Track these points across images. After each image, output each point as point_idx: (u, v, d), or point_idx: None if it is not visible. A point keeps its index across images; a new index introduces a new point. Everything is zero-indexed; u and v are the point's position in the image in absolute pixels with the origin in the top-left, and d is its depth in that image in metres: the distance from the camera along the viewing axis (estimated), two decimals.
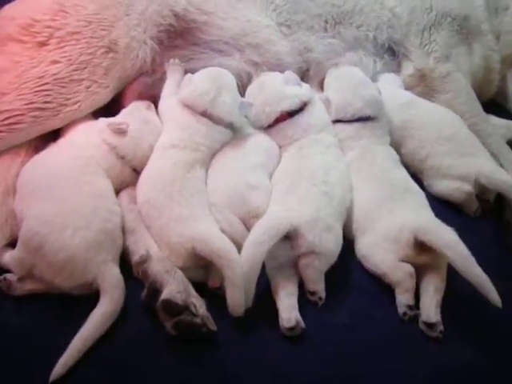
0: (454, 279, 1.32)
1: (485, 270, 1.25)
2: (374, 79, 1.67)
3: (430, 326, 1.26)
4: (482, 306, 1.28)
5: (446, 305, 1.30)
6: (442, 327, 1.26)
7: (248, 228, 1.31)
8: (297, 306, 1.26)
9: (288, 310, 1.24)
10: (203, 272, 1.29)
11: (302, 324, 1.24)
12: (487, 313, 1.29)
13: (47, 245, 1.20)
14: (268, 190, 1.39)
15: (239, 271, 1.20)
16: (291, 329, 1.23)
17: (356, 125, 1.53)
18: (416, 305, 1.30)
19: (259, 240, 1.24)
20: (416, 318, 1.28)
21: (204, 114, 1.42)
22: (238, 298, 1.20)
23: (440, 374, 1.22)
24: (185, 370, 1.18)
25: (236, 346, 1.23)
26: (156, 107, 1.53)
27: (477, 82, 1.78)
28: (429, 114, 1.64)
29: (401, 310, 1.29)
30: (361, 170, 1.48)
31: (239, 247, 1.25)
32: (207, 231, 1.26)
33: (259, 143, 1.48)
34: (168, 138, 1.42)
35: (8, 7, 1.55)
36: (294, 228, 1.27)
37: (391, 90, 1.66)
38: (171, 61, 1.57)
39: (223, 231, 1.28)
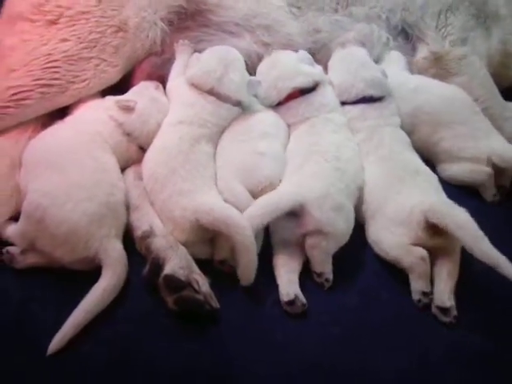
0: (469, 263, 1.27)
1: None
2: (383, 54, 1.65)
3: (444, 310, 1.22)
4: (495, 290, 1.25)
5: (459, 290, 1.25)
6: (455, 312, 1.22)
7: None
8: (297, 281, 1.23)
9: (287, 285, 1.21)
10: (208, 249, 1.27)
11: (303, 299, 1.20)
12: (500, 297, 1.25)
13: (49, 217, 1.18)
14: (280, 157, 1.36)
15: (249, 234, 1.17)
16: (290, 303, 1.19)
17: (361, 106, 1.50)
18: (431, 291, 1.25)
19: (254, 214, 1.21)
20: (429, 303, 1.24)
21: (211, 92, 1.40)
22: (250, 263, 1.18)
23: (450, 356, 1.18)
24: (187, 347, 1.16)
25: (240, 324, 1.20)
26: (165, 88, 1.52)
27: (494, 66, 1.73)
28: (439, 98, 1.59)
29: (415, 296, 1.25)
30: (368, 152, 1.45)
31: None
32: (210, 201, 1.24)
33: (267, 117, 1.45)
34: (175, 115, 1.41)
35: None
36: (300, 204, 1.24)
37: (398, 76, 1.62)
38: (181, 41, 1.56)
39: (226, 202, 1.25)
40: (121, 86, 1.52)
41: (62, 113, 1.46)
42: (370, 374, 1.14)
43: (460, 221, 1.23)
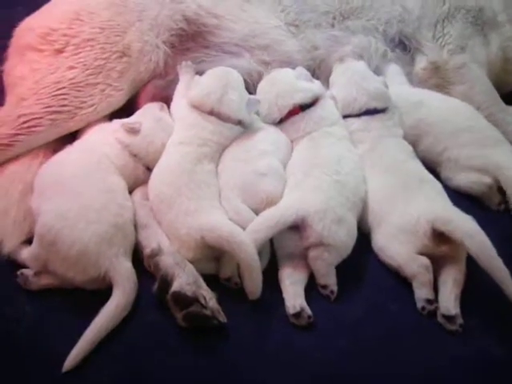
0: (474, 271, 1.27)
1: (505, 264, 1.20)
2: (381, 66, 1.67)
3: (449, 318, 1.23)
4: (502, 297, 1.23)
5: (466, 297, 1.26)
6: (461, 320, 1.23)
7: None
8: (302, 293, 1.25)
9: (292, 298, 1.24)
10: (214, 265, 1.30)
11: (308, 311, 1.22)
12: (507, 304, 1.23)
13: (61, 239, 1.23)
14: (279, 174, 1.39)
15: (252, 252, 1.20)
16: (296, 315, 1.22)
17: (364, 118, 1.53)
18: (435, 298, 1.26)
19: (256, 228, 1.25)
20: (435, 312, 1.25)
21: (212, 113, 1.44)
22: (255, 279, 1.21)
23: (459, 366, 1.18)
24: (196, 362, 1.19)
25: (249, 339, 1.22)
26: (169, 108, 1.56)
27: (495, 72, 1.74)
28: (442, 109, 1.61)
29: (419, 304, 1.26)
30: (373, 163, 1.47)
31: None
32: (215, 220, 1.27)
33: (268, 134, 1.48)
34: (177, 135, 1.45)
35: (28, 19, 1.63)
36: (302, 218, 1.27)
37: (401, 90, 1.64)
38: (183, 63, 1.61)
39: (231, 220, 1.28)
40: (127, 109, 1.57)
41: (71, 137, 1.51)
42: None
43: (468, 229, 1.24)
